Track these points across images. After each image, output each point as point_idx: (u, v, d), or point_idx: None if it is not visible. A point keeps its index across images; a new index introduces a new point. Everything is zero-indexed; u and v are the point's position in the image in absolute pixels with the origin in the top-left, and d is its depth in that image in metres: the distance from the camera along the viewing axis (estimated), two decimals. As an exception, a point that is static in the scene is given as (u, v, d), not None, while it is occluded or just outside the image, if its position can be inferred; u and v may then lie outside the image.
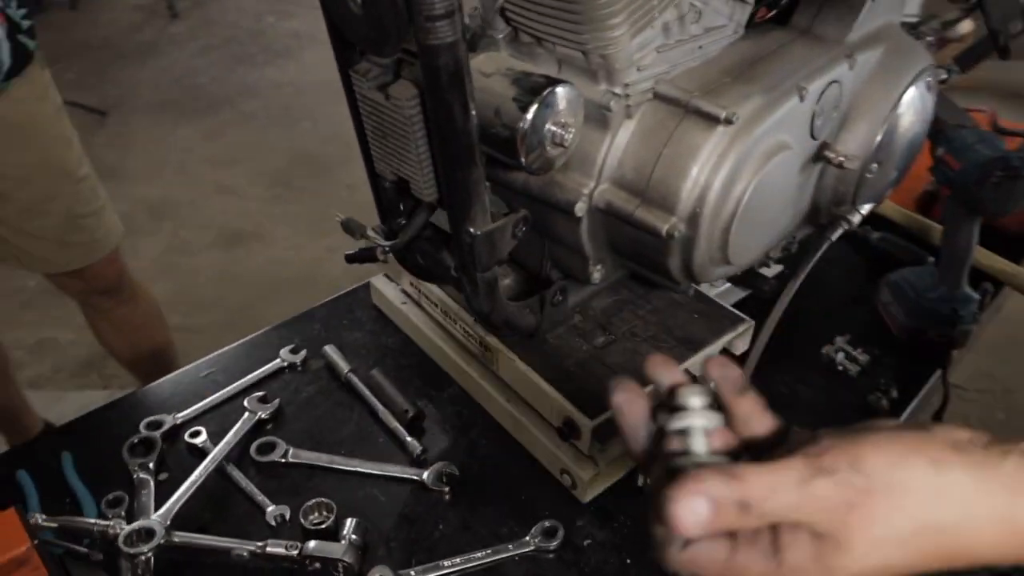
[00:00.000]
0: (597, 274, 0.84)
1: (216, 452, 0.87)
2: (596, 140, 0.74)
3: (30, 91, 1.29)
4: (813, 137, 0.80)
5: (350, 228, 0.78)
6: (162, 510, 0.79)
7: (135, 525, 0.76)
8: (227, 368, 1.02)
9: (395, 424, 0.92)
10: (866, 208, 0.90)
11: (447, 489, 0.85)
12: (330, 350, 1.02)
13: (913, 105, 0.85)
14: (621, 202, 0.74)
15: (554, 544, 0.79)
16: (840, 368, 1.02)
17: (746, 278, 1.00)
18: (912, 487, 0.39)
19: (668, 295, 0.93)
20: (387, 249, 0.76)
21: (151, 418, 0.91)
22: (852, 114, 0.83)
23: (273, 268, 2.56)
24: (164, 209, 2.94)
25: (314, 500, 0.80)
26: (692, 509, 0.38)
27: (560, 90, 0.64)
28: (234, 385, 0.98)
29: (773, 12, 0.84)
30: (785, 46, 0.80)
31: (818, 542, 0.39)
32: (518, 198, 0.80)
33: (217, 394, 0.97)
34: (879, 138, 0.83)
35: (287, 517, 0.81)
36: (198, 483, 0.83)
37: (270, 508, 0.82)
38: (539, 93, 0.64)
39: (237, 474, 0.86)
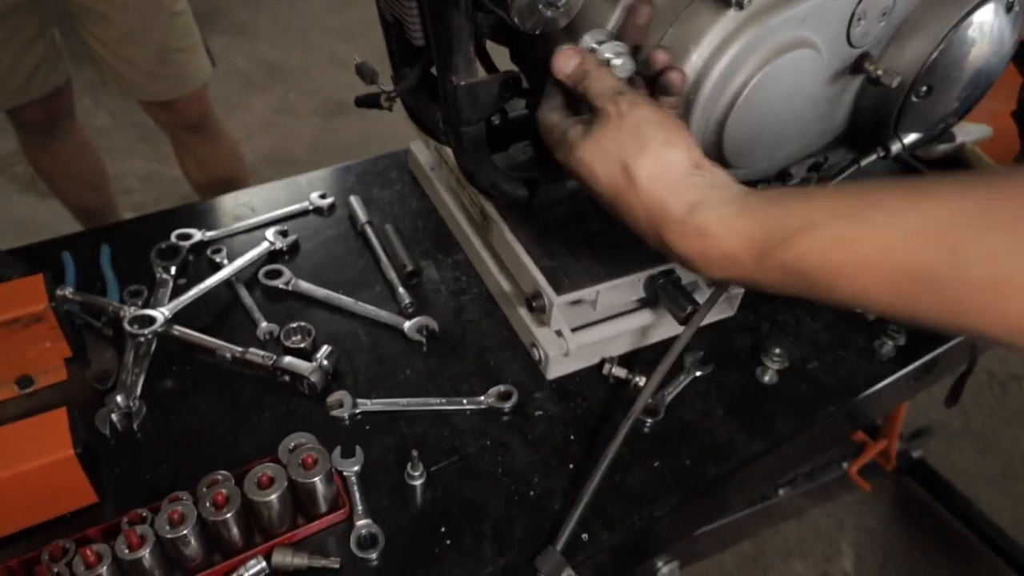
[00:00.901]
0: (599, 158, 0.83)
1: (230, 269, 0.95)
2: (605, 9, 0.72)
3: None
4: (851, 44, 0.74)
5: (363, 72, 0.81)
6: (170, 305, 0.88)
7: (142, 311, 0.85)
8: (263, 202, 1.09)
9: (393, 276, 0.96)
10: (910, 138, 0.83)
11: (424, 341, 0.89)
12: (354, 200, 1.07)
13: (984, 26, 0.77)
14: (621, 80, 0.72)
15: (507, 407, 0.82)
16: (858, 310, 0.97)
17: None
18: (646, 136, 0.59)
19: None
20: (390, 95, 0.78)
21: (182, 230, 1.00)
22: (905, 26, 0.76)
23: (365, 142, 2.65)
24: (280, 71, 3.07)
25: (297, 323, 0.87)
26: (567, 58, 0.66)
27: (557, -56, 0.63)
28: (262, 217, 1.05)
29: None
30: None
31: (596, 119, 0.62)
32: (533, 70, 0.80)
33: (245, 221, 1.04)
34: (932, 57, 0.76)
35: (275, 335, 0.89)
36: (207, 290, 0.91)
37: (263, 324, 0.89)
38: (535, -55, 0.62)
39: (243, 291, 0.94)
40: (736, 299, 0.94)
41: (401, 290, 0.94)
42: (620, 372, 0.85)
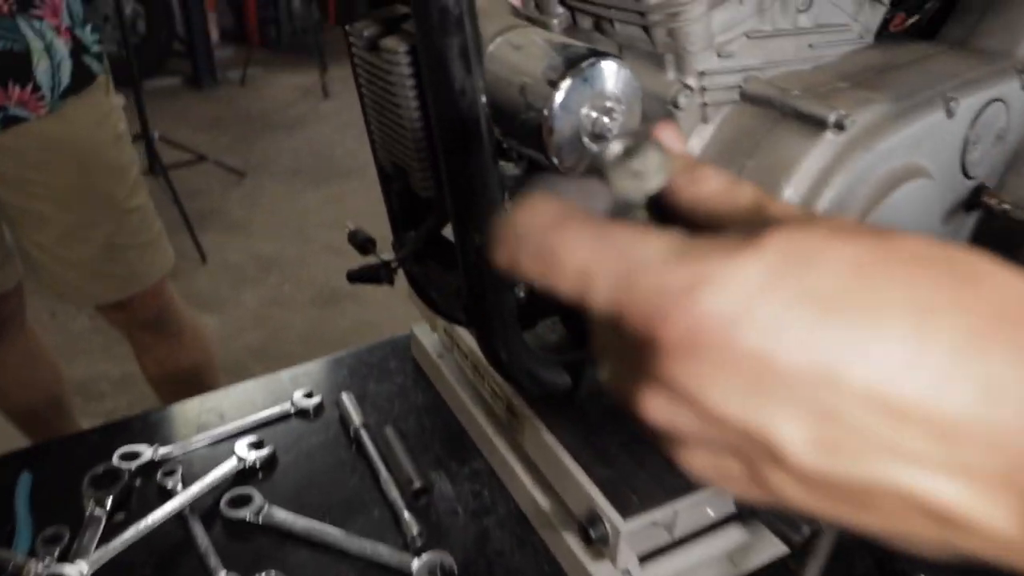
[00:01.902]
0: (657, 331, 0.65)
1: (181, 498, 0.73)
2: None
3: (87, 114, 1.26)
4: (966, 174, 0.59)
5: (357, 240, 0.65)
6: (96, 555, 0.66)
7: (52, 569, 0.62)
8: (235, 406, 0.90)
9: (396, 495, 0.75)
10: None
11: (439, 586, 0.66)
12: (346, 398, 0.87)
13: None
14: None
15: None
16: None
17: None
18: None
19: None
20: (391, 265, 0.61)
21: (126, 448, 0.80)
22: (1022, 151, 0.62)
23: (362, 330, 2.50)
24: (274, 263, 3.00)
25: (265, 573, 0.64)
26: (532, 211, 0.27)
27: (604, 63, 0.49)
28: (231, 425, 0.85)
29: (914, 20, 0.65)
30: (931, 56, 0.61)
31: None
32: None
33: (211, 432, 0.84)
34: (1063, 187, 0.61)
35: (237, 590, 0.65)
36: (150, 530, 0.69)
37: (220, 575, 0.66)
38: (575, 64, 0.49)
39: (198, 528, 0.72)
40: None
41: (407, 515, 0.72)
42: (711, 619, 0.62)
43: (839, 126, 0.51)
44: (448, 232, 0.60)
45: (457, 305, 0.60)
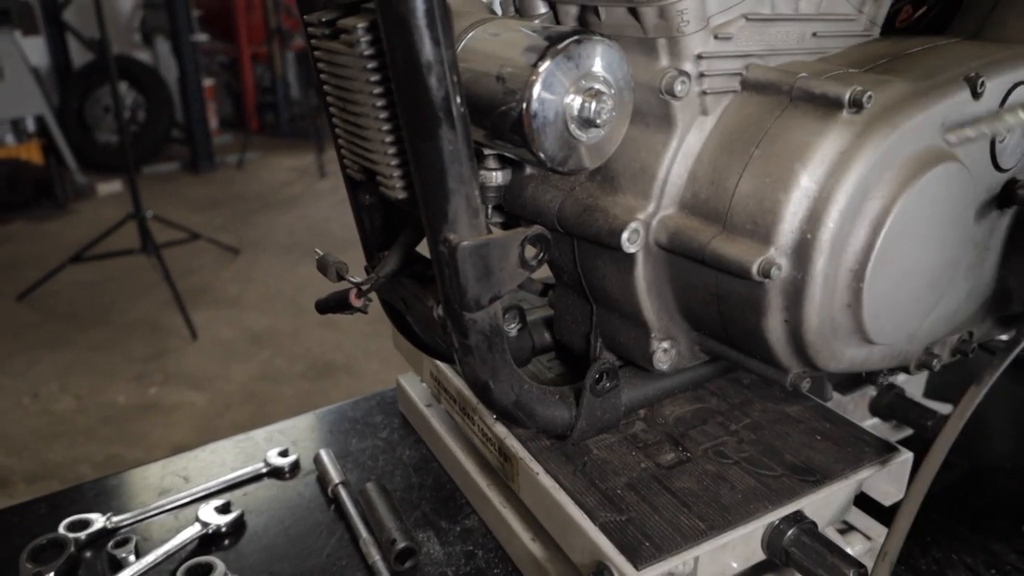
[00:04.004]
0: (664, 356, 0.58)
1: (132, 569, 0.64)
2: (656, 145, 0.52)
3: None
4: (997, 167, 0.54)
5: (326, 266, 0.59)
6: (26, 640, 0.56)
7: (-30, 655, 0.53)
8: (202, 468, 0.81)
9: (377, 558, 0.66)
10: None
11: (424, 664, 0.57)
12: (324, 455, 0.79)
13: None
14: (692, 232, 0.50)
15: None
16: (1057, 551, 0.67)
17: (902, 410, 0.71)
18: None
19: (777, 408, 0.65)
20: (361, 288, 0.55)
21: (76, 517, 0.71)
22: (1056, 142, 0.56)
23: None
24: (266, 338, 2.93)
25: (219, 653, 0.55)
26: None
27: (588, 41, 0.44)
28: (197, 488, 0.77)
29: (921, 12, 0.61)
30: (944, 46, 0.57)
31: None
32: (557, 242, 0.58)
33: (172, 496, 0.76)
34: (1103, 178, 0.55)
35: (187, 675, 0.56)
36: (93, 608, 0.60)
37: (169, 658, 0.57)
38: (557, 43, 0.44)
39: (149, 603, 0.63)
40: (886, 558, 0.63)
41: (388, 580, 0.63)
42: None
43: (856, 104, 0.46)
44: (424, 249, 0.53)
45: (436, 331, 0.53)
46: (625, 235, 0.51)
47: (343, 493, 0.74)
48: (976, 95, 0.50)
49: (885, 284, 0.48)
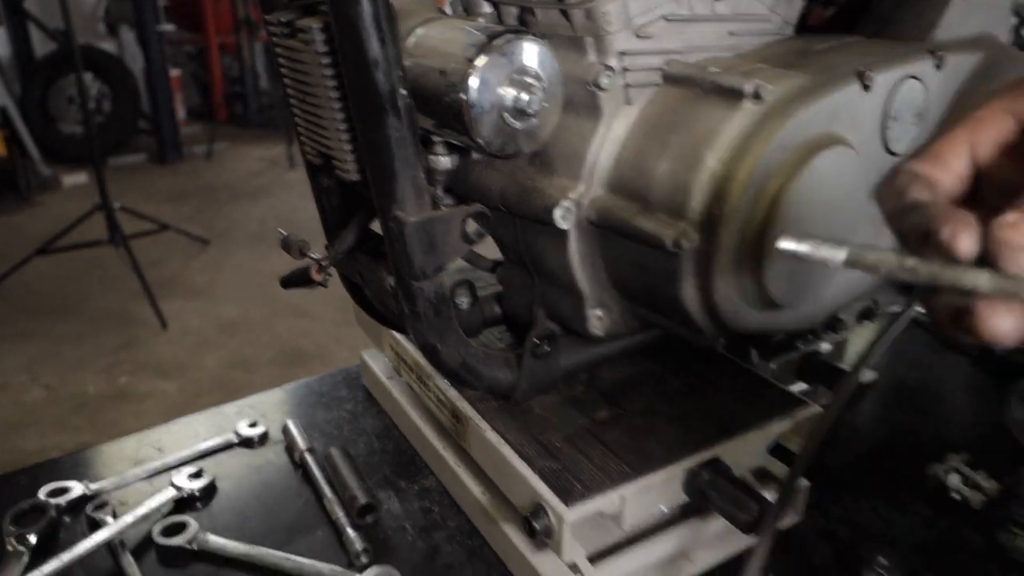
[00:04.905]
0: (598, 323, 0.65)
1: (112, 529, 0.69)
2: (585, 132, 0.58)
3: None
4: (888, 150, 0.61)
5: (290, 245, 0.64)
6: (14, 591, 0.61)
7: (-37, 603, 0.58)
8: (175, 440, 0.86)
9: (340, 514, 0.71)
10: (973, 265, 0.67)
11: (383, 603, 0.63)
12: (292, 425, 0.84)
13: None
14: (617, 209, 0.56)
15: None
16: (956, 496, 0.74)
17: (824, 374, 0.78)
18: None
19: (705, 371, 0.72)
20: (323, 265, 0.60)
21: (55, 484, 0.75)
22: (943, 129, 0.64)
23: (327, 388, 2.46)
24: (236, 327, 2.96)
25: (196, 595, 0.60)
26: None
27: (521, 39, 0.50)
28: (171, 457, 0.82)
29: (830, 13, 0.68)
30: (848, 44, 0.64)
31: None
32: (499, 222, 0.64)
33: (147, 466, 0.80)
34: (982, 161, 0.63)
35: (165, 618, 0.61)
36: (75, 561, 0.65)
37: (148, 603, 0.62)
38: (492, 41, 0.49)
39: (127, 558, 0.67)
40: (801, 497, 0.70)
41: (351, 532, 0.69)
42: (670, 619, 0.59)
43: (756, 96, 0.52)
44: (378, 227, 0.59)
45: (389, 301, 0.58)
46: (559, 213, 0.57)
47: (309, 459, 0.80)
48: (866, 88, 0.56)
49: (784, 255, 0.54)
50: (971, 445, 0.81)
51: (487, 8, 0.63)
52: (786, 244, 0.41)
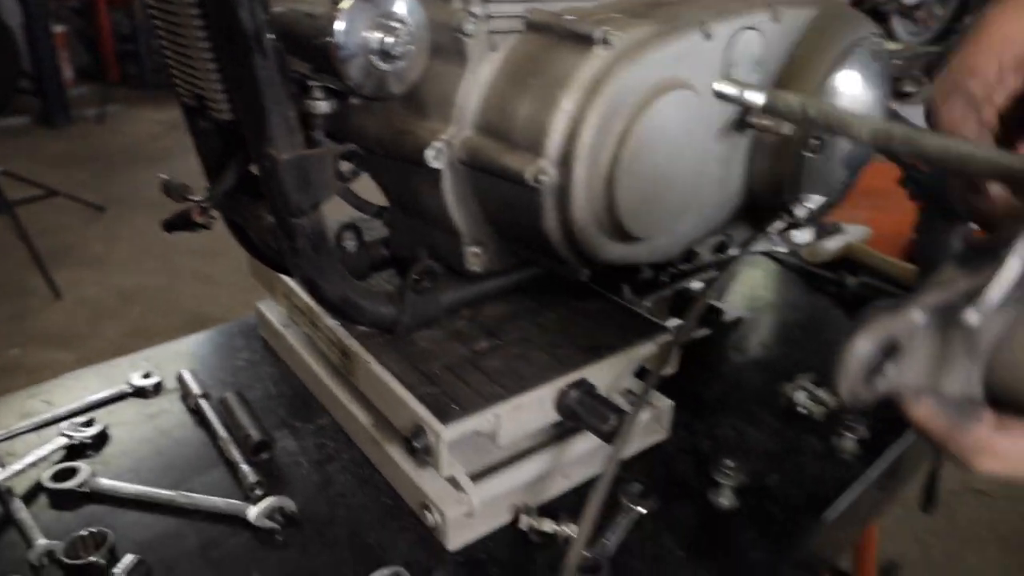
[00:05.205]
0: (475, 259, 0.69)
1: None
2: (453, 76, 0.61)
3: None
4: (731, 95, 0.67)
5: (171, 189, 0.65)
6: None
7: None
8: (66, 392, 0.86)
9: (236, 453, 0.74)
10: (813, 201, 0.75)
11: (278, 528, 0.66)
12: (187, 374, 0.86)
13: (854, 78, 0.72)
14: (484, 149, 0.60)
15: (395, 599, 0.59)
16: (802, 411, 0.83)
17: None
18: None
19: (580, 304, 0.77)
20: (204, 207, 0.62)
21: (-64, 437, 0.75)
22: (782, 77, 0.70)
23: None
24: (137, 295, 2.86)
25: (86, 531, 0.62)
26: None
27: (383, -17, 0.53)
28: (61, 410, 0.82)
29: (684, -32, 0.73)
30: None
31: None
32: (379, 166, 0.67)
33: (36, 418, 0.80)
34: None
35: (56, 554, 0.63)
36: (-39, 510, 0.66)
37: (39, 542, 0.63)
38: (356, -16, 0.52)
39: (16, 503, 0.68)
40: (666, 416, 0.78)
41: (244, 467, 0.72)
42: (543, 525, 0.65)
43: (606, 42, 0.57)
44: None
45: (271, 240, 0.61)
46: (431, 153, 0.60)
47: (204, 404, 0.82)
48: (707, 37, 0.62)
49: (635, 190, 0.60)
50: (819, 367, 0.91)
51: (359, -44, 0.65)
52: (718, 87, 0.58)
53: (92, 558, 0.60)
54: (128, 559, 0.60)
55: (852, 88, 0.73)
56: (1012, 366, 0.31)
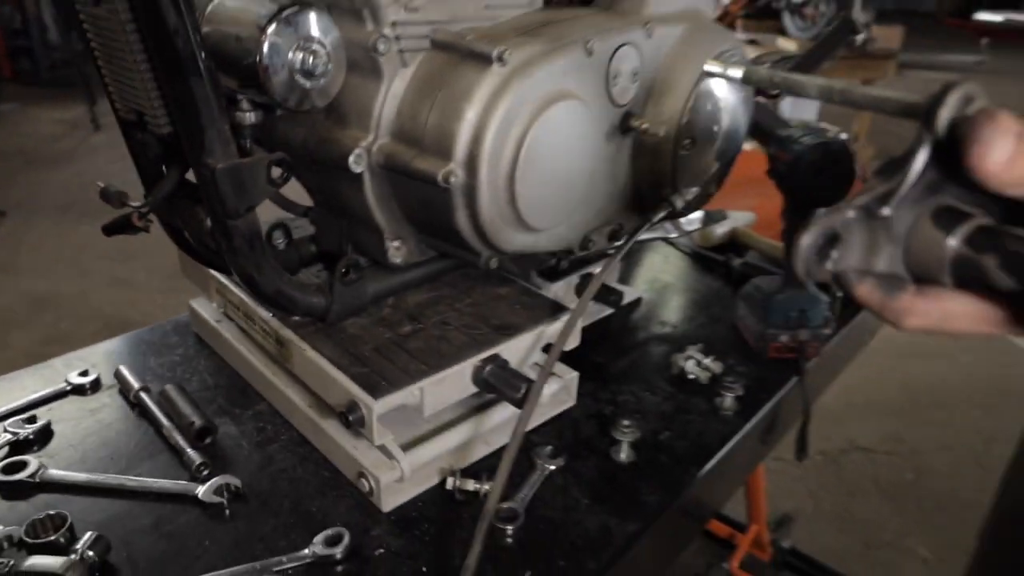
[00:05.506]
0: (396, 252, 0.77)
1: (-51, 472, 0.73)
2: (370, 89, 0.69)
3: None
4: (613, 102, 0.77)
5: (109, 196, 0.70)
6: None
7: None
8: (4, 393, 0.89)
9: (180, 439, 0.80)
10: (690, 193, 0.86)
11: (224, 502, 0.73)
12: (124, 369, 0.90)
13: (720, 87, 0.84)
14: (399, 154, 0.68)
15: (338, 553, 0.67)
16: (691, 376, 0.95)
17: (599, 292, 0.95)
18: None
19: (493, 290, 0.87)
20: (142, 212, 0.68)
21: None
22: (657, 85, 0.81)
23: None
24: (48, 301, 2.79)
25: (43, 513, 0.67)
26: (1000, 142, 0.37)
27: (305, 11, 0.60)
28: (1, 409, 0.85)
29: (572, -11, 0.83)
30: (582, 16, 0.79)
31: None
32: (306, 171, 0.74)
33: (-23, 417, 0.84)
34: (686, 112, 0.81)
35: (16, 539, 0.67)
36: (-86, 506, 0.69)
37: (-3, 529, 0.68)
38: (280, 13, 0.59)
39: (-31, 496, 0.72)
40: (573, 385, 0.88)
41: (190, 452, 0.78)
42: (467, 484, 0.74)
43: (501, 59, 0.66)
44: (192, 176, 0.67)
45: (208, 240, 0.67)
46: (352, 159, 0.68)
47: (145, 396, 0.87)
48: (589, 53, 0.72)
49: (532, 186, 0.69)
50: (707, 338, 1.04)
51: (280, -20, 0.72)
52: (708, 67, 0.77)
53: (53, 537, 0.65)
54: (88, 535, 0.65)
55: (719, 91, 0.84)
56: (919, 247, 0.42)
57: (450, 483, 0.74)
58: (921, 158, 0.40)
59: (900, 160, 0.42)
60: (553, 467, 0.78)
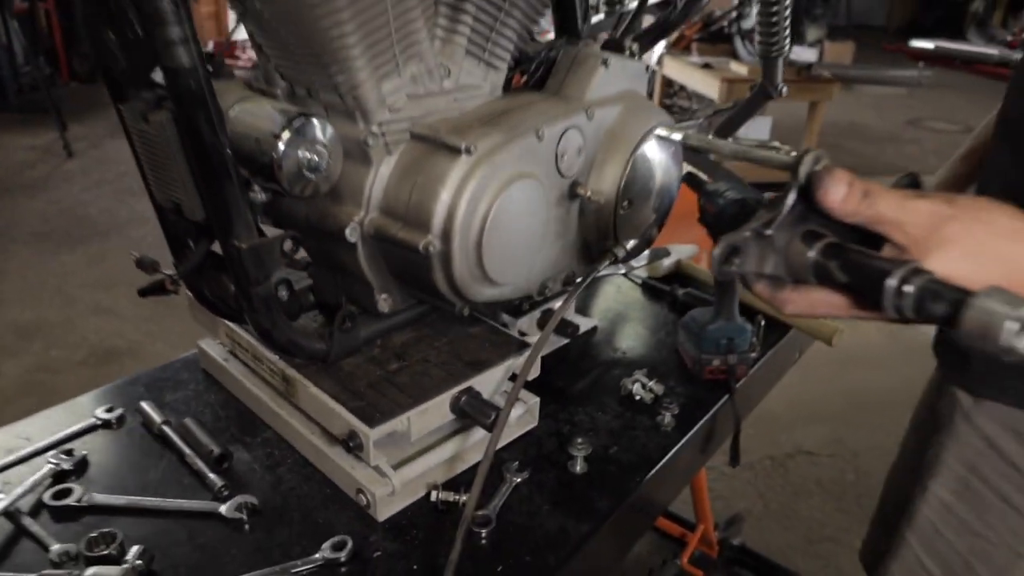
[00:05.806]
0: (384, 303, 0.92)
1: (5, 500, 0.86)
2: (362, 174, 0.84)
3: None
4: (561, 174, 0.93)
5: (144, 264, 0.85)
6: (-65, 554, 0.78)
7: (-101, 565, 0.74)
8: (40, 430, 1.02)
9: (201, 465, 0.94)
10: (630, 244, 1.02)
11: (244, 518, 0.87)
12: (146, 406, 1.04)
13: (652, 152, 1.00)
14: (387, 227, 0.83)
15: (343, 556, 0.81)
16: (637, 397, 1.11)
17: (558, 324, 1.11)
18: (996, 222, 0.54)
19: (465, 329, 1.02)
20: (174, 278, 0.82)
21: (-60, 474, 0.90)
22: (598, 158, 0.98)
23: (146, 381, 2.52)
24: (35, 330, 2.87)
25: (97, 531, 0.81)
26: (837, 187, 0.57)
27: (309, 120, 0.75)
28: (40, 443, 0.98)
29: (524, 80, 0.99)
30: (534, 103, 0.95)
31: (901, 249, 0.56)
32: (307, 237, 0.89)
33: (20, 452, 0.97)
34: (623, 179, 0.97)
35: (73, 554, 0.81)
36: (-19, 529, 0.82)
37: (54, 547, 0.81)
38: (291, 123, 0.74)
39: (27, 520, 0.85)
40: (535, 409, 1.03)
41: (212, 476, 0.92)
42: (447, 496, 0.89)
43: (468, 151, 0.81)
44: (218, 248, 0.82)
45: (231, 302, 0.82)
46: (348, 231, 0.83)
47: (167, 429, 1.00)
48: (539, 139, 0.88)
49: (497, 250, 0.85)
50: (652, 363, 1.20)
51: (283, 83, 0.87)
52: (661, 132, 0.97)
53: (106, 551, 0.79)
54: (135, 548, 0.79)
55: (652, 154, 1.01)
56: (793, 257, 0.61)
57: (434, 495, 0.89)
58: (791, 197, 0.60)
59: (778, 199, 0.60)
60: (519, 479, 0.94)
